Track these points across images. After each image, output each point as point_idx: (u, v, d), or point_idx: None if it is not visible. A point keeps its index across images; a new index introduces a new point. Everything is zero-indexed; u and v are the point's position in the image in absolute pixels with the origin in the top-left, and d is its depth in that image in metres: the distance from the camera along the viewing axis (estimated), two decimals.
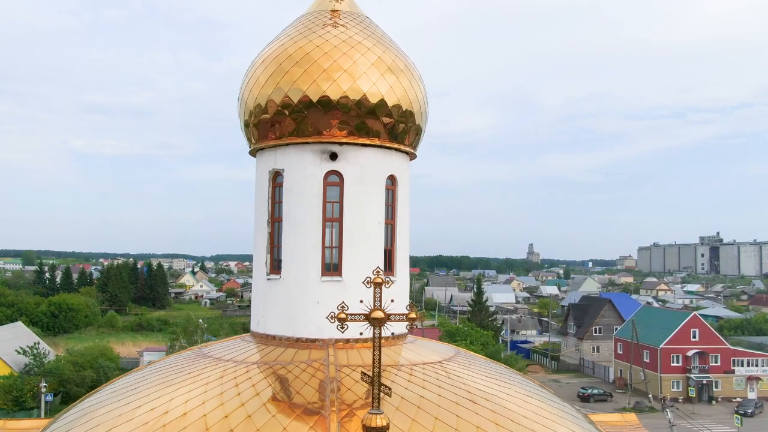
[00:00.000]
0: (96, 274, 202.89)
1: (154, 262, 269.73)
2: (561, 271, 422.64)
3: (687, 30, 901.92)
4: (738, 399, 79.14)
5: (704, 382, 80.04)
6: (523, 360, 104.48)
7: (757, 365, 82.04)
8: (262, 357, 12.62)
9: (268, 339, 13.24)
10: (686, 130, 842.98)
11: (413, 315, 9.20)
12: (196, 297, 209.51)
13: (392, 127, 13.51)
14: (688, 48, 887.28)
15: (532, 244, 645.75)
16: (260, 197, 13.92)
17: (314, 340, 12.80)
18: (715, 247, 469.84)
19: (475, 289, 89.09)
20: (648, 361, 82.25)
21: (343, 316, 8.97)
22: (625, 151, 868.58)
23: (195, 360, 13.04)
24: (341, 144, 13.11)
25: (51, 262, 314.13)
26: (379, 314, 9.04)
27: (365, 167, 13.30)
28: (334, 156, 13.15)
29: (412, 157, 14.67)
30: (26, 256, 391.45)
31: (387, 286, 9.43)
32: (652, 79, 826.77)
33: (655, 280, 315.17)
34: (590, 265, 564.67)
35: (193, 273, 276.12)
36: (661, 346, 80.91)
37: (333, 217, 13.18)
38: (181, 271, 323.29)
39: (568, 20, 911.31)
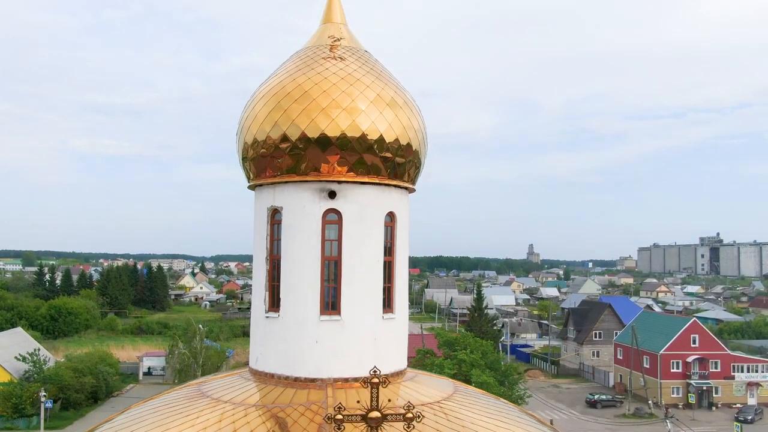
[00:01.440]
0: (96, 276, 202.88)
1: (154, 264, 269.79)
2: (561, 272, 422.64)
3: (687, 30, 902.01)
4: (738, 405, 79.10)
5: (704, 388, 80.00)
6: (523, 365, 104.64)
7: (757, 371, 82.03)
8: (260, 398, 12.57)
9: (267, 377, 13.19)
10: (686, 130, 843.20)
11: (410, 415, 9.09)
12: (196, 299, 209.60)
13: (392, 164, 13.46)
14: (688, 48, 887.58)
15: (532, 244, 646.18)
16: (259, 234, 13.87)
17: (313, 380, 12.76)
18: (715, 247, 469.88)
19: (474, 295, 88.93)
20: (648, 366, 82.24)
21: (339, 417, 8.87)
22: (625, 151, 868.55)
23: (194, 400, 12.98)
24: (340, 182, 13.06)
25: (51, 262, 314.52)
26: (376, 414, 9.03)
27: (364, 205, 13.25)
28: (332, 194, 13.10)
29: (411, 191, 14.64)
30: (26, 257, 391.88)
31: (384, 386, 9.40)
32: (652, 79, 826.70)
33: (655, 281, 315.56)
34: (590, 265, 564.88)
35: (193, 274, 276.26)
36: (661, 352, 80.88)
37: (332, 256, 13.13)
38: (181, 272, 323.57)
39: (569, 21, 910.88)
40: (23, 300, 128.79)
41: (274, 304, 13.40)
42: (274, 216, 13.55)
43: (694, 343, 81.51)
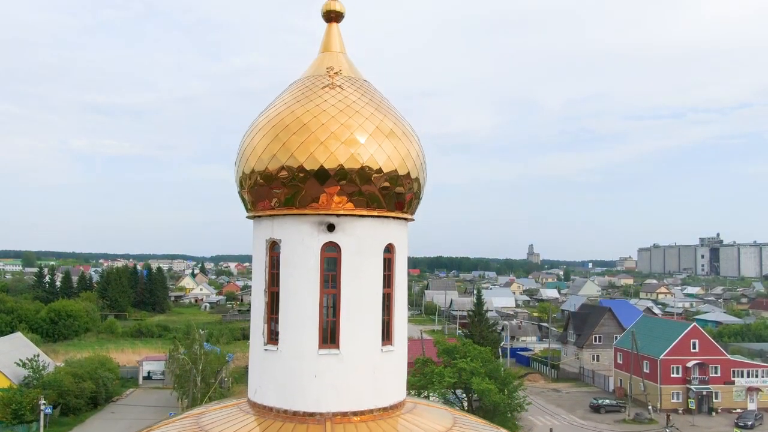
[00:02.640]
0: (96, 277, 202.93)
1: (154, 264, 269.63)
2: (561, 273, 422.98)
3: (687, 30, 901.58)
4: (738, 410, 79.10)
5: (704, 393, 79.98)
6: (523, 368, 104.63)
7: (757, 376, 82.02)
8: None
9: (265, 411, 13.15)
10: (686, 130, 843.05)
11: None
12: (196, 300, 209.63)
13: (391, 195, 13.42)
14: (688, 48, 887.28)
15: (532, 244, 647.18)
16: (257, 265, 13.82)
17: (312, 414, 12.72)
18: (715, 248, 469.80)
19: (475, 300, 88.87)
20: (648, 371, 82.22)
21: None
22: (625, 151, 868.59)
23: None
24: (339, 215, 13.01)
25: (51, 263, 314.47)
26: None
27: (363, 238, 13.20)
28: (331, 227, 13.05)
29: (410, 220, 14.60)
30: (26, 258, 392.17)
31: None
32: (652, 79, 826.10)
33: (655, 282, 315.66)
34: (590, 265, 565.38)
35: (193, 275, 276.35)
36: (660, 357, 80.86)
37: (331, 289, 13.09)
38: (181, 273, 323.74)
39: (569, 21, 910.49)
40: (23, 303, 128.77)
41: (273, 336, 13.37)
42: (273, 248, 13.51)
43: (694, 348, 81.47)
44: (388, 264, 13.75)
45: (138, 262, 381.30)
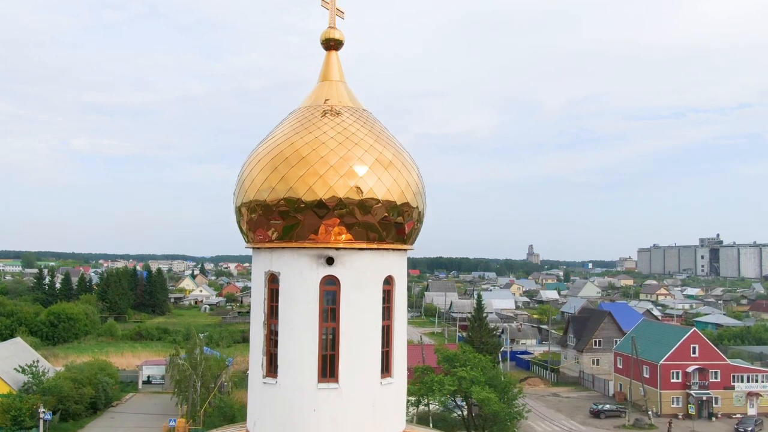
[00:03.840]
0: (96, 279, 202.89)
1: (154, 265, 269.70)
2: (561, 273, 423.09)
3: (687, 30, 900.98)
4: (738, 415, 78.99)
5: (704, 398, 79.84)
6: (523, 372, 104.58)
7: (757, 381, 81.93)
8: None
9: None
10: (686, 130, 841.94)
11: None
12: (196, 302, 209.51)
13: (390, 227, 13.36)
14: (688, 48, 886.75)
15: (531, 245, 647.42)
16: (257, 296, 13.76)
17: None
18: (714, 248, 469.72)
19: (475, 305, 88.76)
20: (648, 376, 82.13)
21: None
22: (625, 151, 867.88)
23: None
24: (338, 249, 12.95)
25: (51, 264, 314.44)
26: None
27: (362, 271, 13.14)
28: (330, 260, 12.99)
29: (410, 250, 14.54)
30: (26, 258, 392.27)
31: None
32: (652, 79, 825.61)
33: (655, 283, 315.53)
34: (590, 266, 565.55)
35: (193, 276, 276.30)
36: (660, 362, 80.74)
37: (330, 323, 13.03)
38: (181, 274, 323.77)
39: (569, 21, 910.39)
40: (23, 306, 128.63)
41: (272, 369, 13.31)
42: (272, 280, 13.45)
43: (694, 353, 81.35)
44: (388, 295, 13.70)
45: (138, 262, 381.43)
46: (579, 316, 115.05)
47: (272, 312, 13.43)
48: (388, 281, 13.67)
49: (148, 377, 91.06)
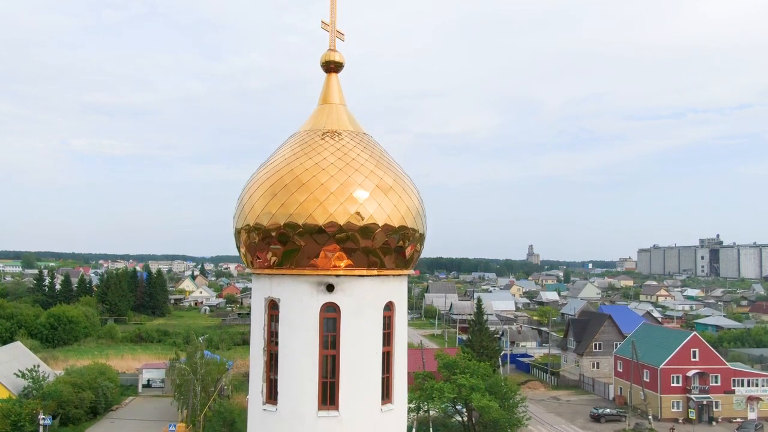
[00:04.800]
0: (96, 280, 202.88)
1: (154, 266, 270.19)
2: (561, 274, 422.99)
3: (687, 30, 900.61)
4: (738, 419, 78.94)
5: (704, 402, 79.77)
6: (523, 375, 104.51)
7: (757, 385, 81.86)
8: None
9: None
10: (686, 130, 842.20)
11: None
12: (196, 303, 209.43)
13: (391, 253, 13.29)
14: (688, 48, 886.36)
15: (531, 245, 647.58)
16: (257, 322, 13.70)
17: None
18: (714, 249, 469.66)
19: (475, 309, 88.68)
20: (648, 380, 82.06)
21: None
22: (625, 151, 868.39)
23: None
24: (338, 276, 12.88)
25: (51, 264, 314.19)
26: None
27: (363, 297, 13.07)
28: (330, 287, 12.92)
29: (410, 273, 14.48)
30: (26, 259, 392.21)
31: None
32: (651, 79, 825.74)
33: (655, 283, 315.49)
34: (590, 266, 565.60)
35: (193, 277, 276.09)
36: (661, 366, 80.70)
37: (330, 350, 12.96)
38: (181, 275, 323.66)
39: (569, 21, 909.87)
40: (23, 308, 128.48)
41: (272, 396, 13.25)
42: (272, 307, 13.38)
43: (694, 357, 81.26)
44: (388, 321, 13.63)
45: (138, 262, 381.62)
46: (579, 319, 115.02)
47: (272, 338, 13.37)
48: (389, 307, 13.61)
49: (148, 381, 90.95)
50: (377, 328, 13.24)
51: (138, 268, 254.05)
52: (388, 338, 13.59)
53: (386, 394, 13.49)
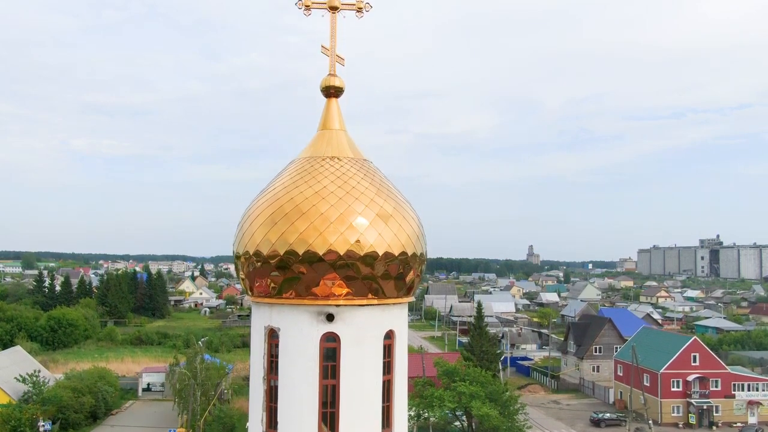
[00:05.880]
0: (96, 281, 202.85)
1: (154, 266, 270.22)
2: (561, 274, 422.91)
3: (687, 30, 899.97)
4: (739, 424, 79.00)
5: (705, 407, 79.81)
6: (523, 378, 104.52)
7: (757, 389, 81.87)
8: None
9: None
10: (686, 130, 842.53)
11: None
12: (196, 305, 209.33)
13: (391, 281, 13.23)
14: (688, 48, 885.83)
15: (531, 245, 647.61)
16: (256, 352, 13.63)
17: None
18: (715, 249, 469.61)
19: (475, 312, 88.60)
20: (648, 384, 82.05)
21: None
22: (625, 152, 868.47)
23: None
24: (338, 306, 12.82)
25: (51, 265, 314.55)
26: None
27: (363, 327, 13.00)
28: (330, 317, 12.86)
29: (410, 300, 14.42)
30: (26, 259, 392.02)
31: None
32: (651, 79, 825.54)
33: (655, 284, 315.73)
34: (590, 266, 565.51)
35: (193, 278, 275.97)
36: (661, 371, 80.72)
37: (330, 380, 12.90)
38: (181, 275, 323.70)
39: (569, 21, 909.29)
40: (23, 311, 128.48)
41: (272, 425, 13.19)
42: (272, 335, 13.33)
43: (695, 361, 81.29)
44: (388, 350, 13.57)
45: (138, 262, 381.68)
46: (579, 323, 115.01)
47: (272, 367, 13.31)
48: (389, 336, 13.55)
49: (148, 385, 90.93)
50: (377, 357, 13.19)
51: (138, 269, 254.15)
52: (388, 367, 13.54)
53: (386, 424, 13.43)
